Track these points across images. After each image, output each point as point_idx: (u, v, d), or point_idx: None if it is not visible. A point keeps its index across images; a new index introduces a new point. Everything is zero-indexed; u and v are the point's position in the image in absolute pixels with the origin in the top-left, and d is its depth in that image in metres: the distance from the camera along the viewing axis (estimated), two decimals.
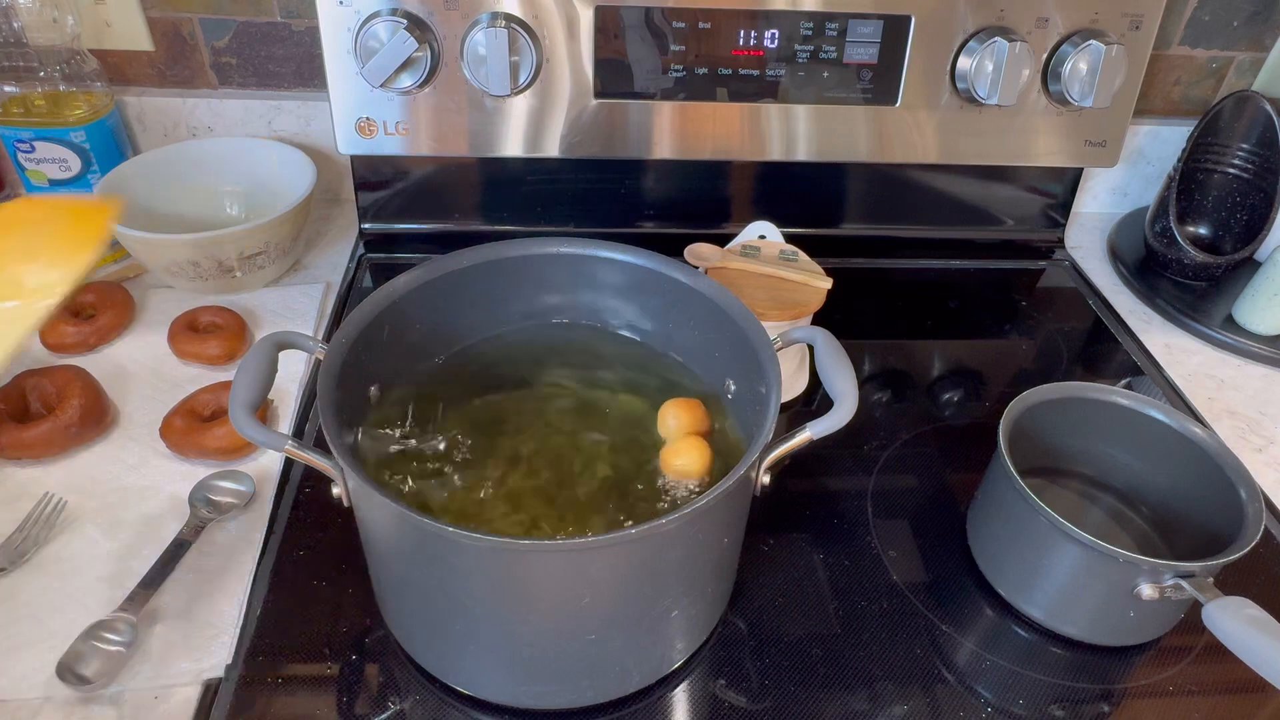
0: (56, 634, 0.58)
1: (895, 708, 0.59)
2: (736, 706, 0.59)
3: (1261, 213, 0.97)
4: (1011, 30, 0.87)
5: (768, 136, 0.92)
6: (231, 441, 0.71)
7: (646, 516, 0.55)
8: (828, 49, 0.87)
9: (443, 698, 0.58)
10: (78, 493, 0.68)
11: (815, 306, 0.78)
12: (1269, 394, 0.89)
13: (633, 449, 0.63)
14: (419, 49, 0.81)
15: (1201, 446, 0.66)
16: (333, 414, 0.51)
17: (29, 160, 0.93)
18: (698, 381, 0.67)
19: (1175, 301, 0.98)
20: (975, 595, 0.67)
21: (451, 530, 0.46)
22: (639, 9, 0.84)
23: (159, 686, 0.57)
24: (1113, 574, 0.59)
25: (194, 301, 0.86)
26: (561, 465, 0.61)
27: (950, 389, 0.88)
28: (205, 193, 0.93)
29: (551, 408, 0.65)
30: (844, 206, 1.04)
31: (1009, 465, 0.62)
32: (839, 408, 0.53)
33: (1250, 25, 1.03)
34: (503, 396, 0.66)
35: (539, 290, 0.68)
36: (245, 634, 0.60)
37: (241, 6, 0.95)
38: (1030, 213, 1.07)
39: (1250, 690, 0.62)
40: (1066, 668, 0.63)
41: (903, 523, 0.72)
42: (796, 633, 0.63)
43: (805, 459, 0.76)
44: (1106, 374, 0.92)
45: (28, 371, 0.74)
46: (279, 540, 0.67)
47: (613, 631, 0.53)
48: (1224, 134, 1.00)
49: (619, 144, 0.91)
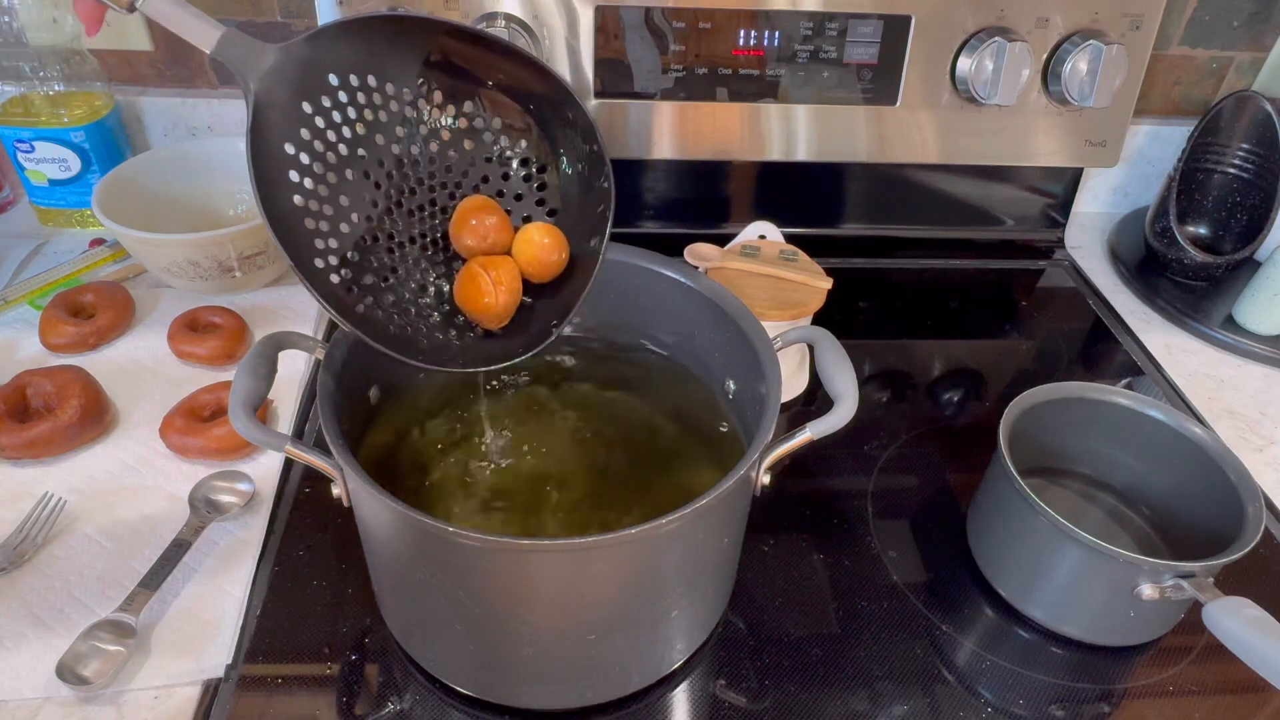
0: (56, 634, 0.58)
1: (895, 708, 0.59)
2: (736, 706, 0.59)
3: (1261, 213, 0.97)
4: (1011, 30, 0.87)
5: (768, 136, 0.92)
6: (231, 441, 0.71)
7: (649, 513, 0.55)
8: (828, 49, 0.87)
9: (443, 698, 0.58)
10: (78, 493, 0.68)
11: (815, 306, 0.78)
12: (1269, 394, 0.89)
13: (633, 446, 0.63)
14: None
15: (1201, 446, 0.66)
16: (333, 414, 0.51)
17: (29, 160, 0.93)
18: (698, 381, 0.67)
19: (1175, 301, 0.98)
20: (975, 595, 0.67)
21: (451, 530, 0.46)
22: (639, 9, 0.84)
23: (159, 686, 0.57)
24: (1113, 574, 0.59)
25: (194, 301, 0.86)
26: (561, 463, 0.61)
27: (950, 389, 0.88)
28: (205, 193, 0.93)
29: (551, 407, 0.65)
30: (844, 206, 1.04)
31: (1009, 465, 0.62)
32: (839, 408, 0.53)
33: (1250, 25, 1.03)
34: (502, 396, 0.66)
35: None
36: (245, 634, 0.60)
37: (241, 6, 0.95)
38: (1030, 213, 1.07)
39: (1250, 690, 0.62)
40: (1066, 668, 0.63)
41: (903, 523, 0.72)
42: (796, 633, 0.63)
43: (805, 459, 0.76)
44: (1106, 374, 0.92)
45: (28, 371, 0.74)
46: (279, 540, 0.67)
47: (613, 631, 0.53)
48: (1224, 134, 1.00)
49: (619, 144, 0.91)
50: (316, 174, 0.51)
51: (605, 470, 0.61)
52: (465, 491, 0.59)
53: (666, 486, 0.60)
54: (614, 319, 0.69)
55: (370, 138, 0.53)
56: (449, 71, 0.53)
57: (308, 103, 0.50)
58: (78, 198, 0.96)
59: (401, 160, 0.55)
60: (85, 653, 0.56)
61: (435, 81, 0.53)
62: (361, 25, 0.50)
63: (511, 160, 0.56)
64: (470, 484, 0.60)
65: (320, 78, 0.50)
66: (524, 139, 0.56)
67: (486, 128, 0.56)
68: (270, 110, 0.49)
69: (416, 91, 0.53)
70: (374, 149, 0.53)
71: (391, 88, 0.53)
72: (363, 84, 0.52)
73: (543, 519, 0.58)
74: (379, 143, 0.54)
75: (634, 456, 0.62)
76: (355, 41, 0.50)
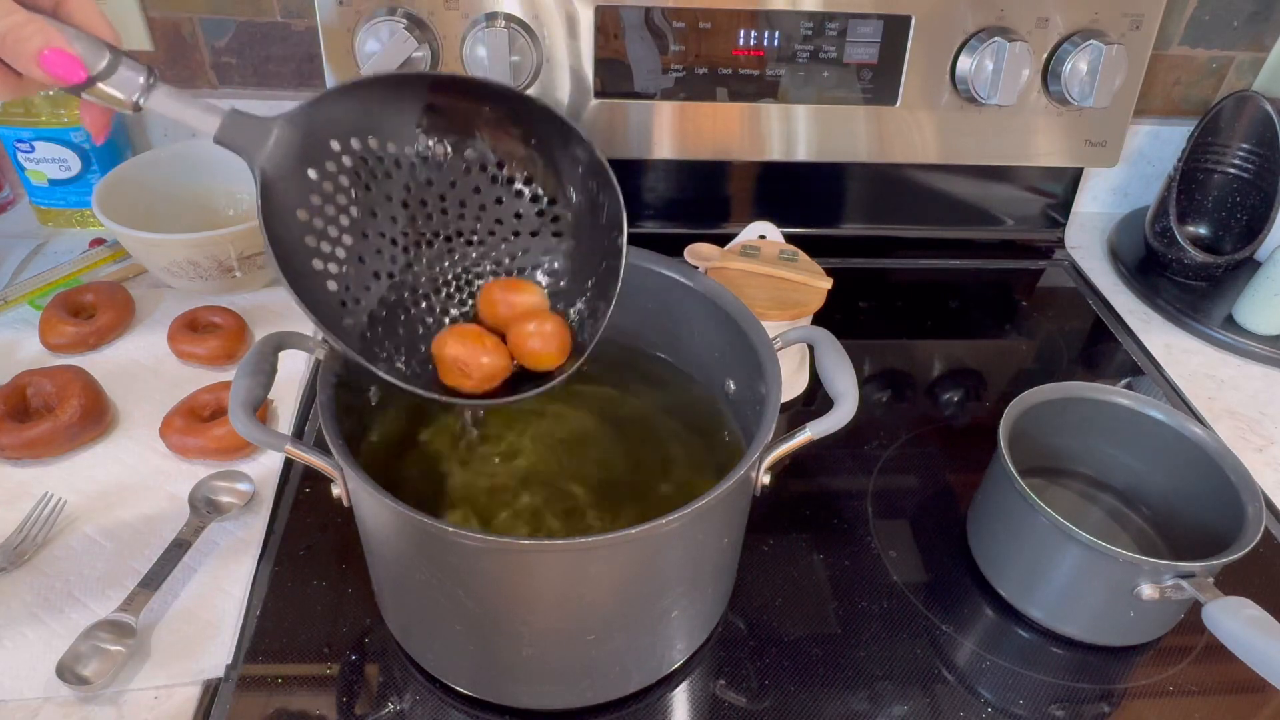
0: (56, 634, 0.58)
1: (895, 708, 0.59)
2: (736, 706, 0.59)
3: (1261, 213, 0.97)
4: (1011, 30, 0.87)
5: (768, 136, 0.92)
6: (231, 441, 0.71)
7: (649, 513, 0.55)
8: (828, 49, 0.87)
9: (443, 698, 0.58)
10: (78, 493, 0.68)
11: (815, 306, 0.78)
12: (1269, 394, 0.89)
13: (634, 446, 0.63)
14: (419, 49, 0.81)
15: (1201, 446, 0.66)
16: (333, 414, 0.51)
17: (29, 160, 0.93)
18: (698, 382, 0.67)
19: (1175, 301, 0.98)
20: (975, 595, 0.67)
21: (451, 530, 0.46)
22: (639, 9, 0.84)
23: (159, 686, 0.57)
24: (1113, 574, 0.59)
25: (194, 301, 0.86)
26: (561, 464, 0.61)
27: (950, 389, 0.88)
28: (205, 193, 0.93)
29: (551, 407, 0.65)
30: (844, 206, 1.04)
31: (1009, 465, 0.62)
32: (839, 408, 0.53)
33: (1250, 25, 1.03)
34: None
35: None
36: (245, 634, 0.60)
37: (241, 6, 0.95)
38: (1030, 213, 1.07)
39: (1250, 690, 0.62)
40: (1066, 668, 0.63)
41: (903, 523, 0.72)
42: (796, 633, 0.63)
43: (805, 459, 0.76)
44: (1106, 374, 0.92)
45: (28, 371, 0.74)
46: (279, 540, 0.67)
47: (613, 631, 0.53)
48: (1224, 134, 1.00)
49: (619, 144, 0.91)
50: (332, 237, 0.52)
51: (605, 470, 0.61)
52: (465, 491, 0.59)
53: (667, 486, 0.61)
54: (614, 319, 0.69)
55: (380, 195, 0.54)
56: (448, 117, 0.54)
57: (313, 169, 0.51)
58: (78, 198, 0.96)
59: (414, 215, 0.55)
60: (85, 653, 0.56)
61: (437, 131, 0.54)
62: (355, 88, 0.51)
63: (523, 195, 0.57)
64: (470, 484, 0.60)
65: (322, 144, 0.51)
66: (529, 171, 0.57)
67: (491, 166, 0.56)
68: (278, 182, 0.50)
69: (419, 144, 0.54)
70: (385, 206, 0.54)
71: (393, 146, 0.54)
72: (364, 146, 0.53)
73: (543, 519, 0.58)
74: (390, 199, 0.54)
75: (634, 457, 0.62)
76: (352, 103, 0.51)
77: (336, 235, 0.52)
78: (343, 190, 0.52)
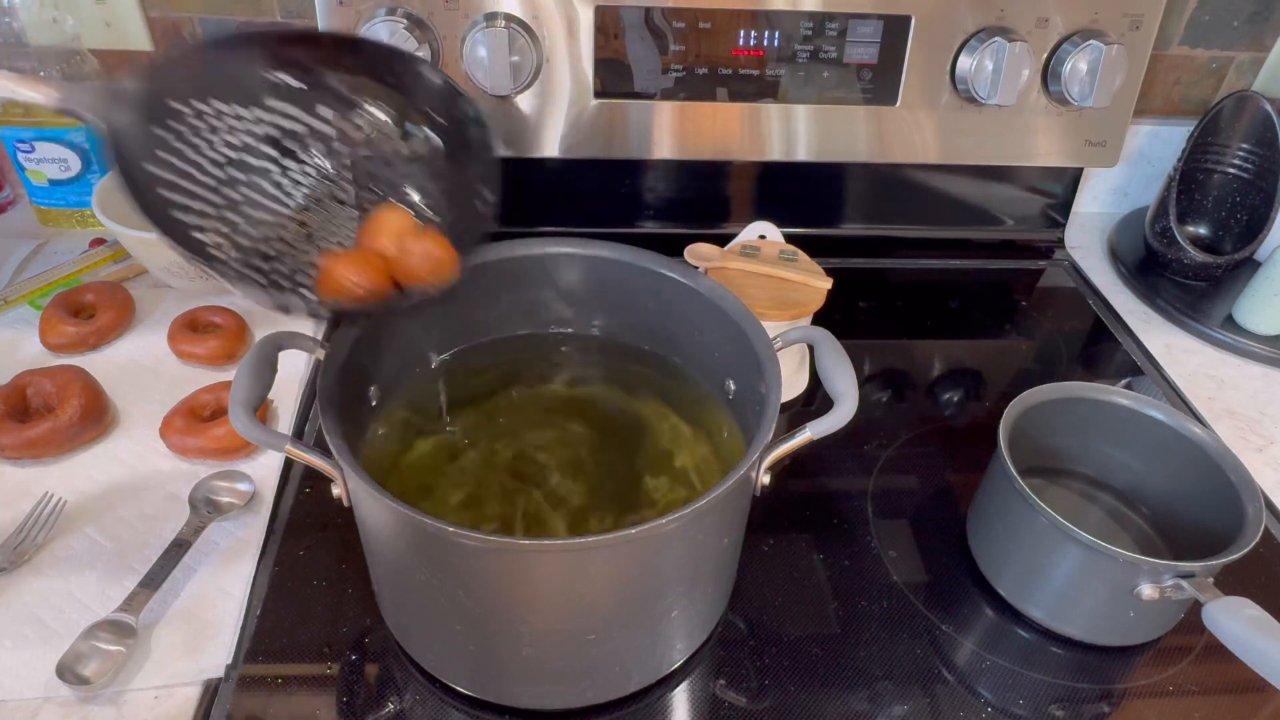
0: (56, 634, 0.58)
1: (895, 708, 0.59)
2: (736, 706, 0.59)
3: (1261, 213, 0.97)
4: (1011, 30, 0.87)
5: (768, 136, 0.92)
6: (231, 441, 0.71)
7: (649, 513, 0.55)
8: (828, 49, 0.87)
9: (443, 698, 0.58)
10: (78, 493, 0.68)
11: (815, 306, 0.78)
12: (1269, 394, 0.89)
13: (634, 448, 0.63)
14: (419, 49, 0.81)
15: (1201, 446, 0.66)
16: (333, 414, 0.51)
17: (29, 160, 0.93)
18: (698, 381, 0.67)
19: (1175, 301, 0.98)
20: (975, 595, 0.67)
21: (451, 530, 0.46)
22: (639, 9, 0.84)
23: (159, 686, 0.57)
24: (1113, 574, 0.59)
25: (194, 301, 0.86)
26: (562, 465, 0.61)
27: (950, 389, 0.88)
28: None
29: (551, 408, 0.65)
30: (844, 206, 1.04)
31: (1009, 465, 0.62)
32: (839, 408, 0.53)
33: (1250, 25, 1.03)
34: (503, 397, 0.66)
35: (539, 290, 0.68)
36: (245, 634, 0.60)
37: (241, 6, 0.95)
38: (1030, 212, 1.07)
39: (1250, 690, 0.62)
40: (1066, 668, 0.63)
41: (903, 523, 0.72)
42: (796, 633, 0.63)
43: (805, 459, 0.76)
44: (1106, 374, 0.92)
45: (28, 371, 0.74)
46: (279, 540, 0.67)
47: (613, 631, 0.53)
48: (1224, 134, 1.00)
49: (619, 144, 0.91)
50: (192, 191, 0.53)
51: (605, 470, 0.61)
52: (465, 491, 0.59)
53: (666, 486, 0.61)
54: (614, 319, 0.69)
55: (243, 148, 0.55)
56: (296, 68, 0.55)
57: (157, 127, 0.52)
58: (78, 198, 0.96)
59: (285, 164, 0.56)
60: (85, 653, 0.56)
61: (286, 80, 0.56)
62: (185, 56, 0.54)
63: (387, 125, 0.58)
64: (470, 484, 0.60)
65: (162, 104, 0.52)
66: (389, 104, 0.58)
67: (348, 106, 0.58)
68: (126, 138, 0.51)
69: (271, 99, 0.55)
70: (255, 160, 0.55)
71: (240, 102, 0.55)
72: (210, 107, 0.54)
73: (543, 518, 0.58)
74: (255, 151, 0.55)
75: (634, 456, 0.62)
76: (190, 69, 0.53)
77: (198, 189, 0.53)
78: (192, 146, 0.53)
